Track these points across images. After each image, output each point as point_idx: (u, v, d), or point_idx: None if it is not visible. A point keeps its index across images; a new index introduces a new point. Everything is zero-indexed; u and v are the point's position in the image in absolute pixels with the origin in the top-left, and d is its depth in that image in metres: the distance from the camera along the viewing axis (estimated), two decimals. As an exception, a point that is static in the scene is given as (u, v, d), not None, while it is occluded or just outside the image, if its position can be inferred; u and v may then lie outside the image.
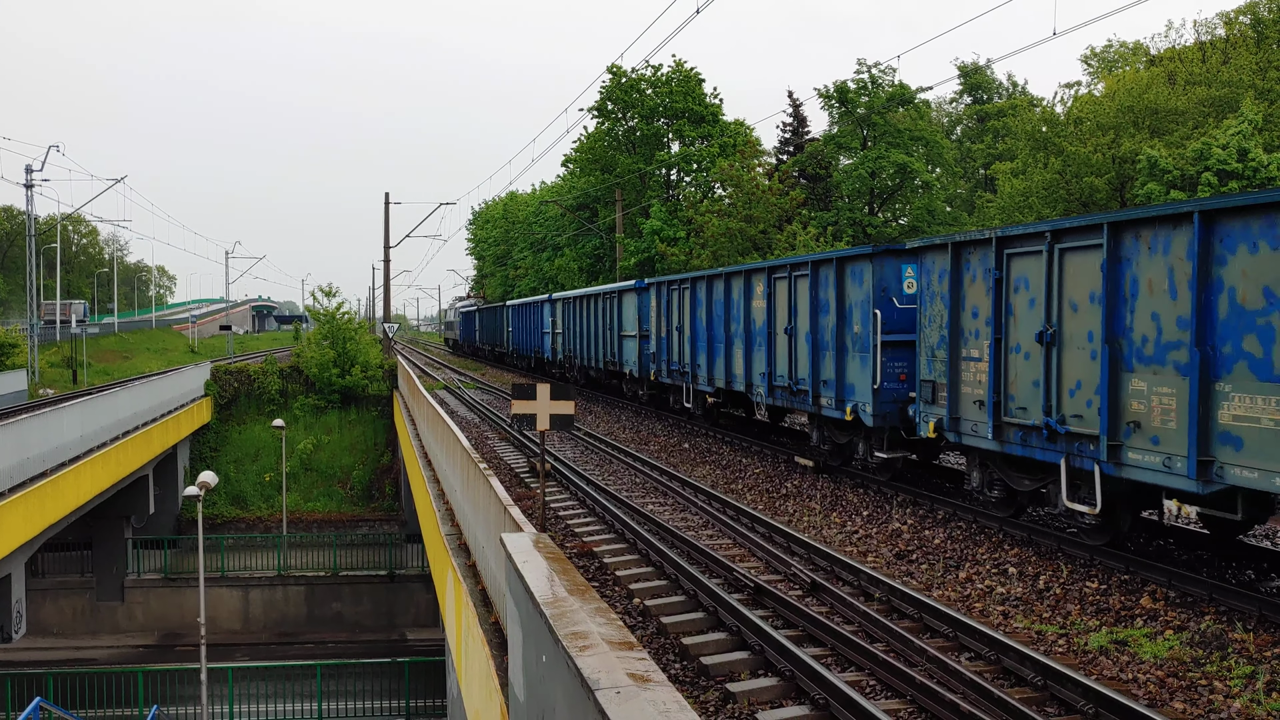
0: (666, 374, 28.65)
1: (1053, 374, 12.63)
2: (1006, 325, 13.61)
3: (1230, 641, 9.76)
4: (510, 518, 10.42)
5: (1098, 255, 11.78)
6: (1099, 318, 11.76)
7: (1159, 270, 11.00)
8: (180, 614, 36.73)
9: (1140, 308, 11.27)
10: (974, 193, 65.84)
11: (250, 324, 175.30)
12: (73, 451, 28.23)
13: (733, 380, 23.65)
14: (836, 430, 19.29)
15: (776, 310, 21.12)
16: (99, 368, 74.57)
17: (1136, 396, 11.28)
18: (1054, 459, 12.65)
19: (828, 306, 18.86)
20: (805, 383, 19.69)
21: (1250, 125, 35.59)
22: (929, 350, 15.39)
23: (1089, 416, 11.99)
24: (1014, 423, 13.40)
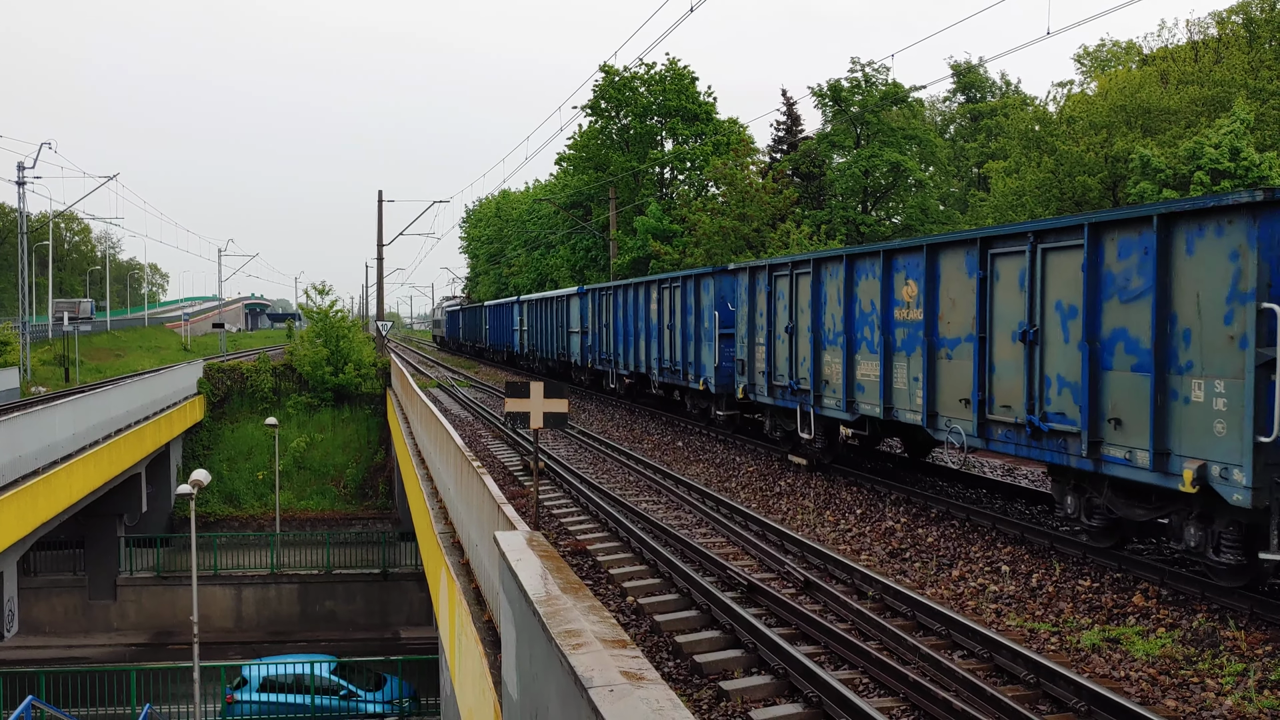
0: (598, 362, 35.40)
1: (794, 354, 19.51)
2: (772, 322, 20.45)
3: (1222, 639, 9.79)
4: (504, 516, 10.42)
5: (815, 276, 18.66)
6: (809, 318, 18.85)
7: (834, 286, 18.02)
8: (173, 612, 36.66)
9: (828, 310, 18.25)
10: (967, 191, 65.94)
11: (243, 322, 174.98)
12: (65, 450, 28.16)
13: (639, 365, 30.33)
14: (699, 398, 26.31)
15: (663, 312, 27.79)
16: (91, 366, 74.38)
17: (829, 365, 18.22)
18: (793, 405, 19.71)
19: (691, 310, 25.81)
20: (679, 364, 26.55)
21: (1242, 124, 35.66)
22: (741, 340, 22.03)
23: (805, 380, 18.98)
24: (778, 385, 20.31)
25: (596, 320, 35.42)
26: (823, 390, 18.38)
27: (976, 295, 13.86)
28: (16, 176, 59.99)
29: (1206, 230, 10.27)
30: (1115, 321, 11.44)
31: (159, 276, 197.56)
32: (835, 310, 17.88)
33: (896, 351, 15.96)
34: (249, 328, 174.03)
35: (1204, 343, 10.29)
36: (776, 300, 20.25)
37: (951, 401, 14.50)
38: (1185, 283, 10.54)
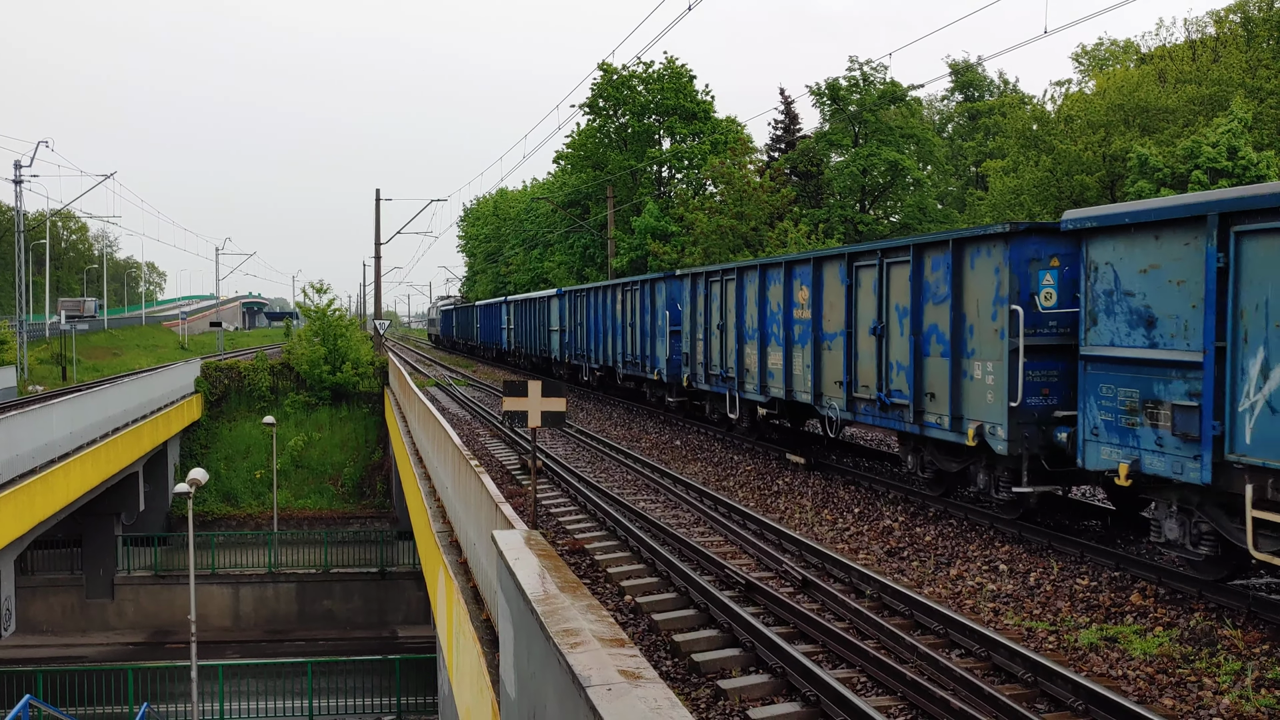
0: (574, 357, 38.62)
1: (724, 348, 22.90)
2: (707, 321, 23.88)
3: (1219, 638, 9.80)
4: (501, 515, 10.42)
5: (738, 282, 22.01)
6: (734, 317, 22.18)
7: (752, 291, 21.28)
8: (170, 611, 36.63)
9: (748, 311, 21.49)
10: (965, 190, 65.94)
11: (241, 321, 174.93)
12: (62, 448, 28.13)
13: (607, 359, 33.46)
14: (655, 386, 29.97)
15: (626, 312, 31.14)
16: (88, 364, 74.32)
17: (748, 357, 21.43)
18: (724, 391, 23.10)
19: (648, 310, 29.03)
20: (639, 358, 29.95)
21: (1240, 123, 35.68)
22: (686, 336, 25.45)
23: (732, 369, 22.32)
24: (713, 374, 23.58)
25: (572, 319, 38.90)
26: (744, 378, 21.94)
27: (845, 299, 17.27)
28: (14, 175, 59.90)
29: (981, 251, 13.81)
30: (930, 319, 14.92)
31: (156, 275, 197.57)
32: (753, 311, 21.23)
33: (795, 344, 19.32)
34: (246, 326, 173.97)
35: (980, 335, 13.83)
36: (711, 302, 23.77)
37: (830, 384, 18.00)
38: (970, 290, 14.07)
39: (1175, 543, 11.21)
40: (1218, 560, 10.85)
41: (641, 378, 30.50)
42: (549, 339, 43.40)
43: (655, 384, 29.64)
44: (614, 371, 33.41)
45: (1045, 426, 13.08)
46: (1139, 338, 11.21)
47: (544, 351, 44.69)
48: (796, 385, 19.27)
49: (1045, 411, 13.13)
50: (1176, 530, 11.18)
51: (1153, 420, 10.96)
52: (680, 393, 27.23)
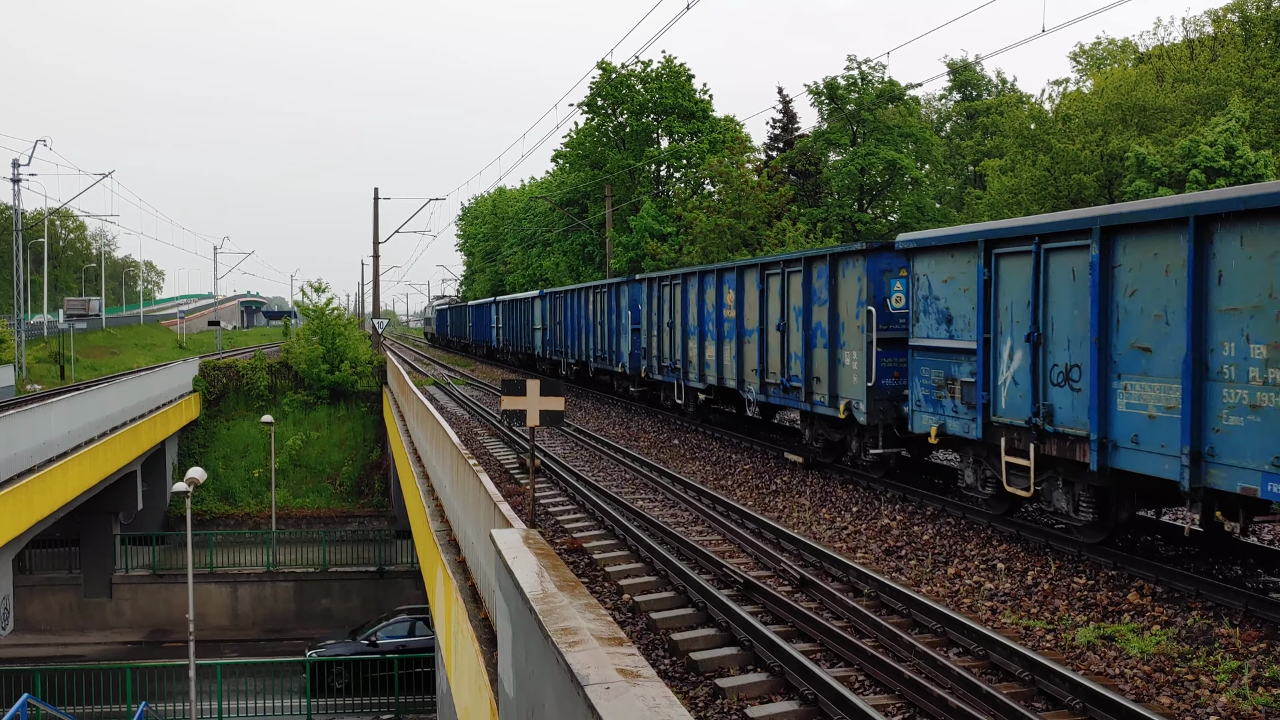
0: (554, 353, 41.94)
1: (672, 342, 26.48)
2: (659, 320, 27.58)
3: (1217, 636, 9.81)
4: (500, 514, 10.42)
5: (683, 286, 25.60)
6: (680, 316, 25.78)
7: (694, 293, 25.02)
8: (168, 610, 36.62)
9: (691, 311, 25.12)
10: (963, 189, 65.93)
11: (239, 319, 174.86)
12: (60, 448, 28.12)
13: (581, 354, 37.08)
14: (619, 378, 33.34)
15: (596, 312, 34.63)
16: (86, 363, 74.28)
17: (691, 350, 25.08)
18: (673, 380, 26.83)
19: (614, 310, 32.36)
20: (607, 353, 33.31)
21: (1238, 122, 35.71)
22: (643, 333, 28.99)
23: (679, 361, 25.88)
24: (664, 365, 27.11)
25: (552, 319, 42.63)
26: (688, 368, 25.47)
27: (759, 301, 20.80)
28: (12, 173, 59.83)
29: (849, 264, 17.45)
30: (816, 318, 18.53)
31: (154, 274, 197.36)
32: (694, 311, 24.84)
33: (725, 339, 22.93)
34: (245, 325, 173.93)
35: (849, 330, 17.46)
36: (663, 303, 27.25)
37: (749, 371, 21.53)
38: (842, 295, 17.68)
39: (972, 486, 14.58)
40: (998, 498, 14.18)
41: (610, 371, 34.09)
42: (532, 336, 46.95)
43: (620, 376, 33.15)
44: (587, 365, 36.80)
45: (895, 402, 16.42)
46: (942, 331, 14.80)
47: (528, 348, 48.24)
48: (726, 373, 22.98)
49: (896, 390, 16.49)
50: (971, 477, 14.57)
51: (951, 393, 14.56)
52: (640, 383, 30.66)
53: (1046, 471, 12.87)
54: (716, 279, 23.33)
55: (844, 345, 17.43)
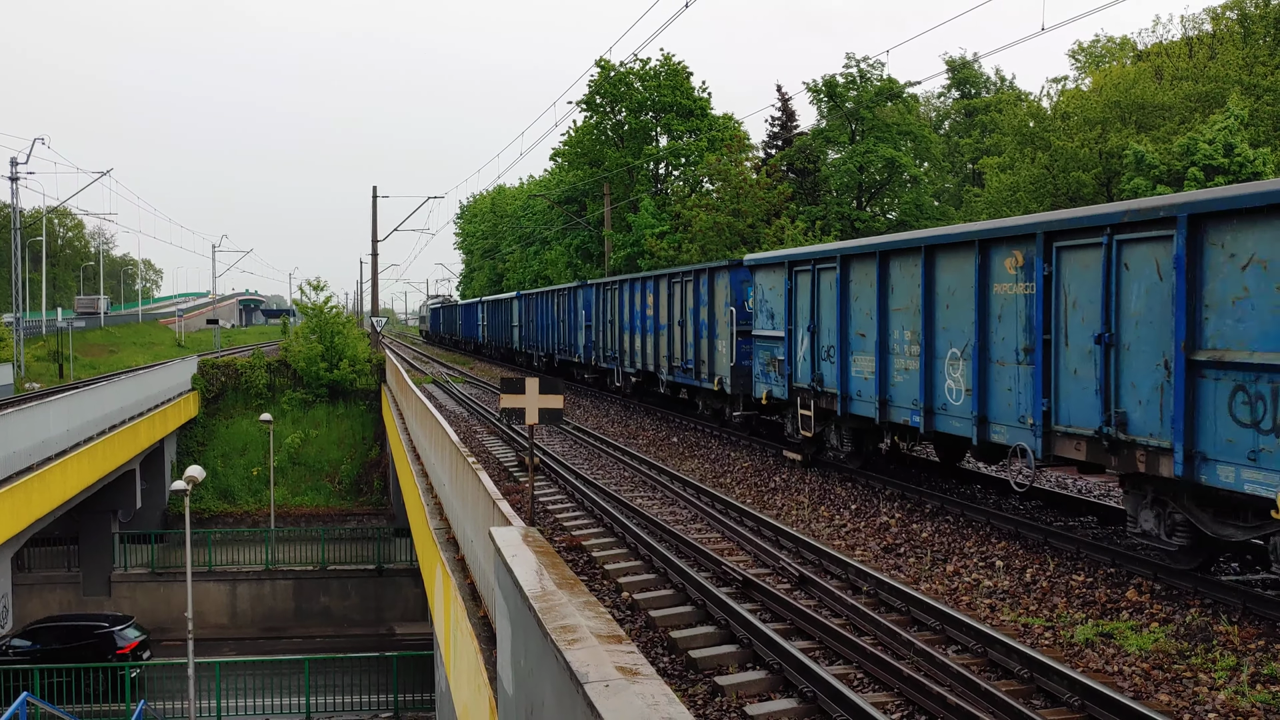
0: (528, 347, 48.29)
1: (615, 336, 31.89)
2: (603, 318, 33.23)
3: (1215, 634, 9.82)
4: (499, 512, 10.42)
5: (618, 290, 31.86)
6: (618, 314, 31.14)
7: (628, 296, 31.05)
8: (167, 608, 36.63)
9: (625, 310, 30.73)
10: (961, 187, 65.93)
11: (237, 318, 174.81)
12: (59, 446, 28.12)
13: (550, 348, 42.94)
14: (578, 368, 38.80)
15: (560, 312, 41.01)
16: (85, 362, 74.28)
17: (626, 341, 30.92)
18: (613, 366, 32.27)
19: (572, 310, 38.24)
20: (567, 346, 39.58)
21: (1236, 120, 35.72)
22: (594, 328, 34.48)
23: (617, 351, 31.65)
24: (608, 355, 32.92)
25: (526, 317, 49.01)
26: (624, 356, 31.25)
27: (668, 302, 27.22)
28: (10, 172, 59.79)
29: (720, 276, 24.12)
30: (702, 316, 24.99)
31: (153, 272, 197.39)
32: (628, 310, 30.71)
33: (647, 333, 29.07)
34: (243, 324, 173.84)
35: (721, 325, 23.80)
36: (607, 304, 33.00)
37: (662, 357, 27.87)
38: (717, 298, 24.13)
39: (790, 435, 19.94)
40: (806, 443, 19.43)
41: (570, 361, 39.87)
42: (511, 333, 53.81)
43: (578, 365, 38.49)
44: (554, 357, 42.38)
45: (749, 378, 21.78)
46: (769, 325, 20.43)
47: (508, 343, 54.65)
48: (648, 360, 29.18)
49: (749, 369, 21.81)
50: (790, 428, 19.88)
51: (775, 368, 19.97)
52: (592, 370, 36.14)
53: (823, 420, 18.60)
54: (641, 286, 29.72)
55: (718, 336, 23.85)
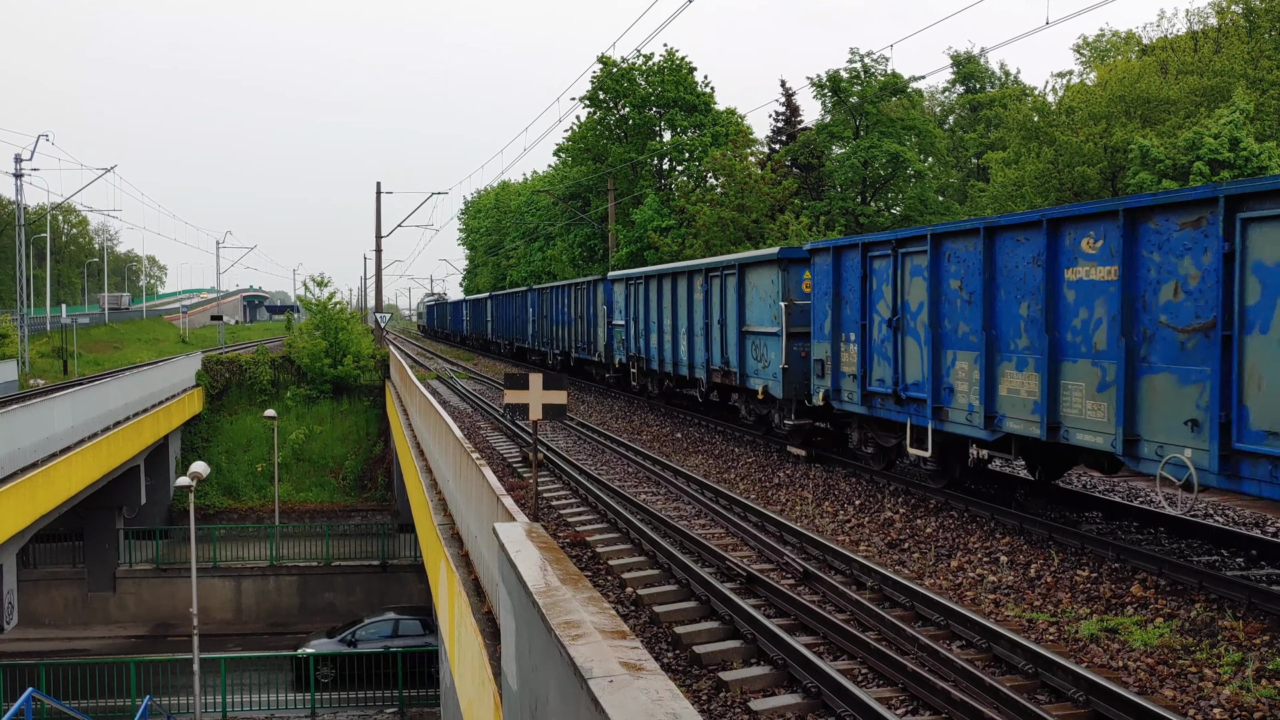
0: (499, 338, 54.58)
1: (575, 331, 38.73)
2: (566, 316, 39.02)
3: (1220, 629, 9.80)
4: (503, 507, 10.42)
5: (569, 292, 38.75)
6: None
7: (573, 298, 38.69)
8: (172, 604, 36.70)
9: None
10: (966, 182, 65.82)
11: (241, 314, 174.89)
12: (63, 442, 28.16)
13: (520, 340, 49.15)
14: (542, 356, 42.93)
15: (527, 308, 46.92)
16: (89, 358, 74.38)
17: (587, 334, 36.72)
18: (586, 355, 37.20)
19: (535, 305, 44.24)
20: (534, 339, 44.01)
21: (1242, 114, 35.62)
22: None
23: (569, 344, 39.30)
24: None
25: (498, 313, 58.33)
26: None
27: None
28: (14, 168, 59.86)
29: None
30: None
31: (157, 269, 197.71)
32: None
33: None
34: (247, 320, 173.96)
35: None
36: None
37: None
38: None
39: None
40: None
41: (534, 350, 44.87)
42: (486, 327, 64.98)
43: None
44: (525, 349, 47.20)
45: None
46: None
47: (484, 335, 65.40)
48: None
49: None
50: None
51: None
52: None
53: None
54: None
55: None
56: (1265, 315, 9.61)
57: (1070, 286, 12.12)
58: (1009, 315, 13.21)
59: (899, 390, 15.78)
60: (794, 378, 19.80)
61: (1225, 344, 9.97)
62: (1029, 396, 12.77)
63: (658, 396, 30.08)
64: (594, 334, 36.48)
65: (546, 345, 45.15)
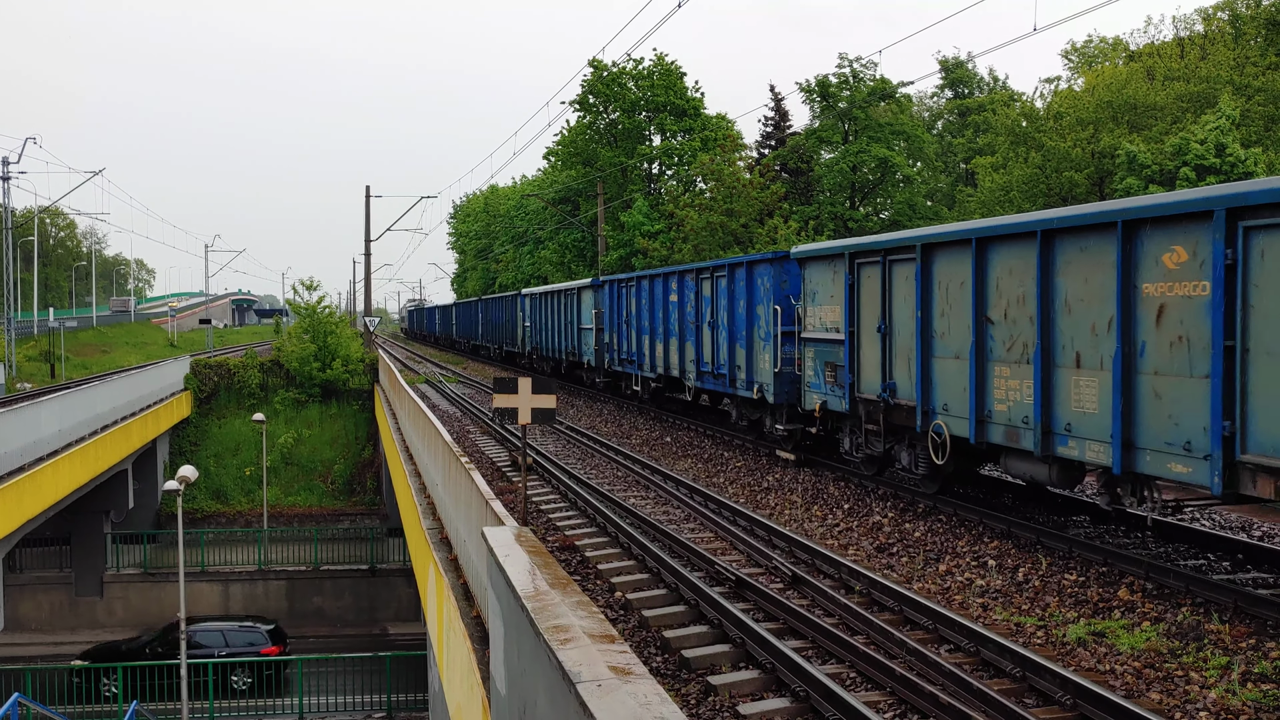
0: (482, 340, 57.09)
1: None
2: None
3: (1206, 633, 9.85)
4: (492, 511, 10.42)
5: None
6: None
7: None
8: (160, 609, 36.52)
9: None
10: (954, 187, 65.97)
11: (230, 318, 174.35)
12: (51, 446, 28.04)
13: (490, 340, 53.31)
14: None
15: (502, 313, 52.88)
16: (77, 361, 74.07)
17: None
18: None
19: (509, 308, 49.45)
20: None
21: (1228, 120, 35.79)
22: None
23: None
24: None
25: (468, 316, 66.99)
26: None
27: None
28: (2, 171, 59.61)
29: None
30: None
31: (145, 272, 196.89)
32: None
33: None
34: (236, 323, 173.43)
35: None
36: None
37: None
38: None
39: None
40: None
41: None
42: (457, 328, 75.57)
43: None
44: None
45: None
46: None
47: (448, 334, 79.91)
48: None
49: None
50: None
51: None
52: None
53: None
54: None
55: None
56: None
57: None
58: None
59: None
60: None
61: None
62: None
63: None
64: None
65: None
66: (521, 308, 47.65)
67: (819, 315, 18.36)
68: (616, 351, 32.05)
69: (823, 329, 18.19)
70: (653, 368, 28.45)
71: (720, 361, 23.07)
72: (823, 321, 18.23)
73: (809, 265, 18.74)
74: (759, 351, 21.13)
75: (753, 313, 21.47)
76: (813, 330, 18.61)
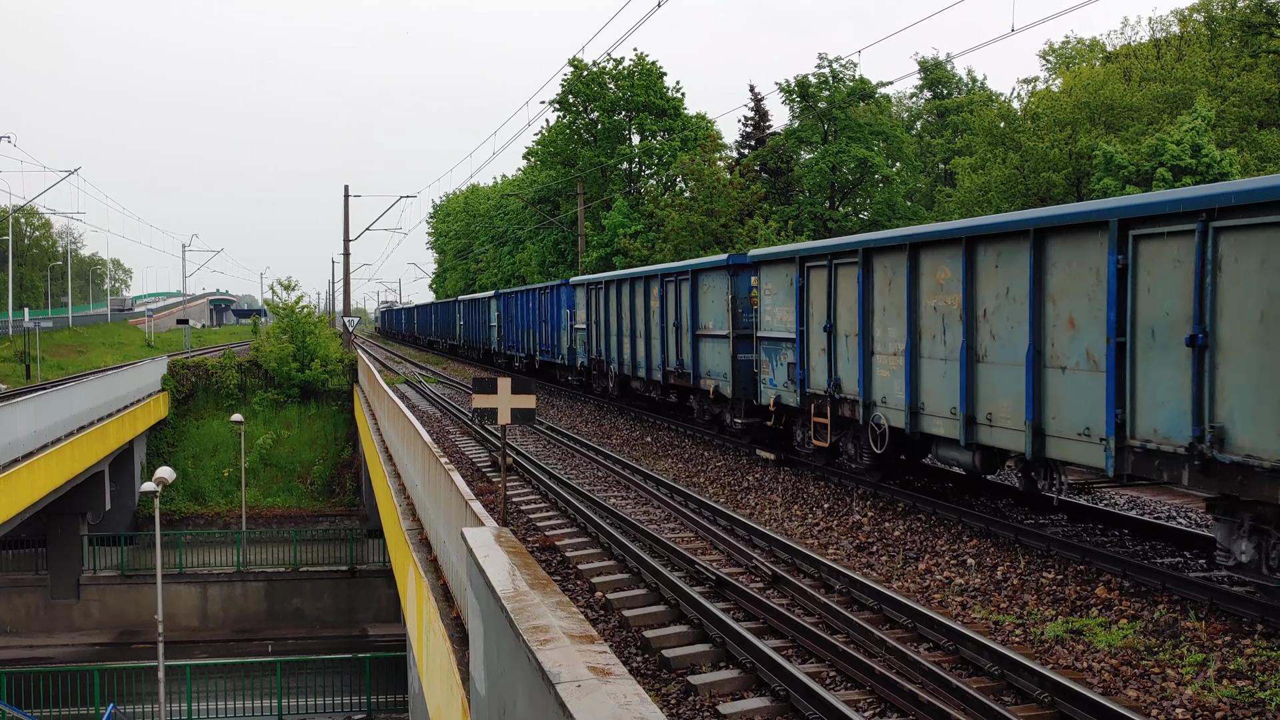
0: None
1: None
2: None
3: (1182, 630, 9.92)
4: (471, 512, 10.39)
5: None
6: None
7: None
8: (137, 611, 36.27)
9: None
10: (934, 187, 66.25)
11: (208, 318, 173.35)
12: (26, 447, 27.78)
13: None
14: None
15: (470, 314, 56.34)
16: (53, 362, 73.44)
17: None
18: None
19: (485, 310, 51.12)
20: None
21: (1204, 121, 36.08)
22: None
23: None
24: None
25: (438, 317, 76.01)
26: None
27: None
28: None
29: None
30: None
31: (122, 272, 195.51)
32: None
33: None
34: (214, 324, 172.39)
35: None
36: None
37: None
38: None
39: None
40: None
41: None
42: (427, 327, 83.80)
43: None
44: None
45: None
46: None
47: (426, 334, 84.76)
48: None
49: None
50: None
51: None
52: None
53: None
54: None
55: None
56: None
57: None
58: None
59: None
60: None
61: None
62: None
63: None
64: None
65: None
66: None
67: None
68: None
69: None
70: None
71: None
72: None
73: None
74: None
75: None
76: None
